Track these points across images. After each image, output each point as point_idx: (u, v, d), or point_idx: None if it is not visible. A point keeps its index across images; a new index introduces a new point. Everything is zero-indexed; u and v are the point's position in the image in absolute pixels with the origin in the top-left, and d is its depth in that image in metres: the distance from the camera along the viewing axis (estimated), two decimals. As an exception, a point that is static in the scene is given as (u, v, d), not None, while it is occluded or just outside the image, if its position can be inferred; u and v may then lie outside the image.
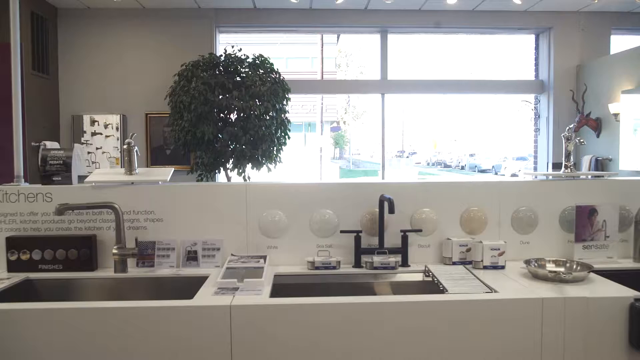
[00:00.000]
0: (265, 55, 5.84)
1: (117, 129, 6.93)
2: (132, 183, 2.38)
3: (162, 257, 2.28)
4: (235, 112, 5.52)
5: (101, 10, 6.96)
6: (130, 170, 2.41)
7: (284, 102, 5.74)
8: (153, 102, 6.88)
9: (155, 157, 7.08)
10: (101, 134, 6.93)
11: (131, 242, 2.27)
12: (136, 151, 2.44)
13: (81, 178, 2.44)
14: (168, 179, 2.43)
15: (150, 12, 7.02)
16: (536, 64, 7.98)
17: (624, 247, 2.47)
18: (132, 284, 2.21)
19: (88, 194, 2.32)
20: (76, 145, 6.69)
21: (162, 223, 2.34)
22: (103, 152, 6.93)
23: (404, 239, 2.34)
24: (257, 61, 5.72)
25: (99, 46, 7.01)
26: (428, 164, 24.28)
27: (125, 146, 2.42)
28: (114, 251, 2.22)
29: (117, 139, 6.92)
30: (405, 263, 2.33)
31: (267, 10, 7.21)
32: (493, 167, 20.02)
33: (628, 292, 1.88)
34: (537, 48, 7.98)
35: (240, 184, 2.41)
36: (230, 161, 5.68)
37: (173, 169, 2.54)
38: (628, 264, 2.37)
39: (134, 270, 2.26)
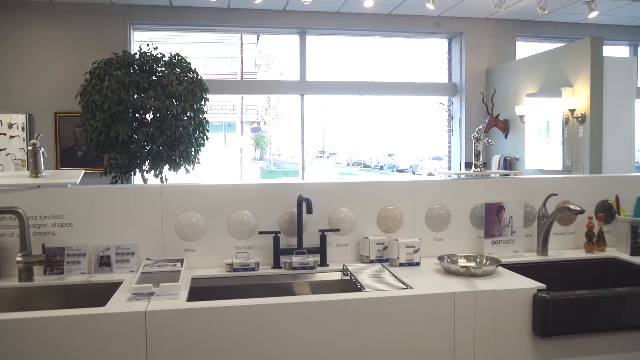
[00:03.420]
0: (183, 54, 5.71)
1: (22, 129, 6.54)
2: (39, 186, 2.25)
3: (72, 264, 2.18)
4: (151, 112, 5.36)
5: (3, 2, 6.54)
6: (36, 172, 2.28)
7: (202, 102, 5.64)
8: (62, 101, 6.56)
9: (66, 159, 6.74)
10: (5, 134, 6.51)
11: (37, 248, 2.14)
12: (42, 152, 2.31)
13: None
14: (78, 182, 2.32)
15: (58, 5, 6.68)
16: (449, 68, 8.31)
17: (529, 242, 2.62)
18: (39, 292, 2.09)
19: (-11, 198, 2.18)
20: (-24, 146, 6.27)
21: (71, 228, 2.24)
22: (7, 154, 6.52)
23: (323, 238, 2.36)
24: (173, 60, 5.58)
25: (1, 40, 6.59)
26: (348, 164, 24.66)
27: (30, 147, 2.29)
28: (18, 259, 2.09)
29: (23, 140, 6.53)
30: (324, 262, 2.35)
31: (184, 8, 7.06)
32: (410, 166, 20.63)
33: (532, 284, 2.00)
34: (449, 52, 8.31)
35: (155, 186, 2.34)
36: (147, 163, 5.51)
37: (84, 171, 2.44)
38: (532, 257, 2.52)
39: (41, 279, 2.14)
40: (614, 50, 8.56)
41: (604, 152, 6.02)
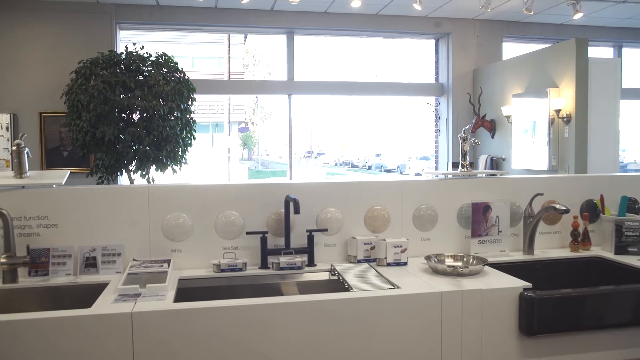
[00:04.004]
0: (170, 54, 5.68)
1: (7, 129, 6.47)
2: (23, 187, 2.23)
3: (58, 265, 2.16)
4: (138, 112, 5.32)
5: (-12, 2, 6.48)
6: (20, 173, 2.25)
7: (189, 102, 5.61)
8: (48, 100, 6.50)
9: (51, 159, 6.69)
10: (-11, 134, 6.45)
11: (22, 250, 2.12)
12: (27, 153, 2.28)
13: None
14: (63, 182, 2.29)
15: (43, 4, 6.61)
16: (436, 68, 8.35)
17: (515, 241, 2.64)
18: (24, 294, 2.07)
19: (-28, 199, 2.15)
20: (-40, 146, 6.19)
21: (57, 229, 2.22)
22: (-8, 154, 6.46)
23: (310, 238, 2.36)
24: (160, 60, 5.55)
25: (-15, 40, 6.52)
26: (336, 164, 24.66)
27: (14, 147, 2.26)
28: (2, 260, 2.06)
29: (8, 140, 6.46)
30: (311, 262, 2.35)
31: (171, 8, 7.02)
32: (398, 166, 20.67)
33: (518, 283, 2.01)
34: (436, 52, 8.34)
35: (142, 186, 2.33)
36: (133, 163, 5.47)
37: (69, 172, 2.41)
38: (518, 256, 2.54)
39: (25, 280, 2.11)
40: (599, 52, 8.65)
41: (589, 152, 6.08)
